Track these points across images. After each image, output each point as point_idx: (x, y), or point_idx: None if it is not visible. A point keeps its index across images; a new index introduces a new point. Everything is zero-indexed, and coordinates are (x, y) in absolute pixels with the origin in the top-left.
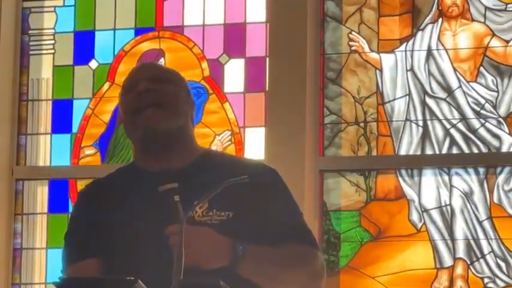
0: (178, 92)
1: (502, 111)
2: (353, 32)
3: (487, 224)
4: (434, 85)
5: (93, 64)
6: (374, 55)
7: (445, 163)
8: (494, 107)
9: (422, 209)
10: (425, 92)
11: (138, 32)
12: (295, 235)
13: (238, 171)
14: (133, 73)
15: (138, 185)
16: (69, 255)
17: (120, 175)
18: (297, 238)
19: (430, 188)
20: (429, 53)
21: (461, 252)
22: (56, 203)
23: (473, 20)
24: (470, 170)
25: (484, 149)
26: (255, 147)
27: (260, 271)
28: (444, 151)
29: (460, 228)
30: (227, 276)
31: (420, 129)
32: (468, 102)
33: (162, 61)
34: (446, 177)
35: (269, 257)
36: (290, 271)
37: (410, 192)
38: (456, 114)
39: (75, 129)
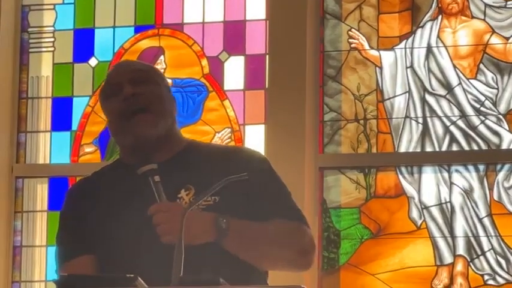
0: (162, 92)
1: (502, 108)
2: (353, 29)
3: (487, 221)
4: (434, 82)
5: (93, 62)
6: (374, 52)
7: (445, 160)
8: (494, 104)
9: (422, 206)
10: (425, 89)
11: (138, 29)
12: (282, 212)
13: (226, 158)
14: (113, 76)
15: (124, 180)
16: (63, 252)
17: (106, 172)
18: (284, 215)
19: (430, 185)
20: (429, 50)
21: (461, 249)
22: (56, 201)
23: (473, 17)
24: (470, 167)
25: (484, 146)
26: (255, 144)
27: (246, 245)
28: (444, 148)
29: (460, 226)
30: (214, 253)
31: (420, 126)
32: (468, 99)
33: (161, 58)
34: (446, 175)
35: (255, 231)
36: (277, 246)
37: (410, 190)
38: (456, 111)
39: (74, 126)
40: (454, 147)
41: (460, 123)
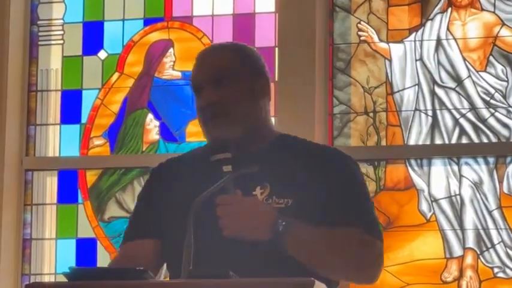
0: (244, 92)
1: None
2: (362, 22)
3: (496, 214)
4: (444, 75)
5: (102, 54)
6: (383, 45)
7: (454, 153)
8: (504, 96)
9: (432, 199)
10: (434, 82)
11: (147, 22)
12: (354, 221)
13: (312, 153)
14: (196, 73)
15: (204, 166)
16: (127, 231)
17: (194, 156)
18: (355, 224)
19: (439, 178)
20: (438, 42)
21: (470, 242)
22: (65, 194)
23: (482, 9)
24: (480, 160)
25: (493, 139)
26: None
27: (304, 249)
28: (453, 141)
29: (469, 218)
30: (269, 251)
31: (429, 119)
32: (477, 91)
33: (171, 51)
34: (455, 167)
35: (317, 236)
36: (339, 254)
37: (419, 182)
38: (466, 103)
39: (84, 119)
40: (464, 140)
41: (470, 115)
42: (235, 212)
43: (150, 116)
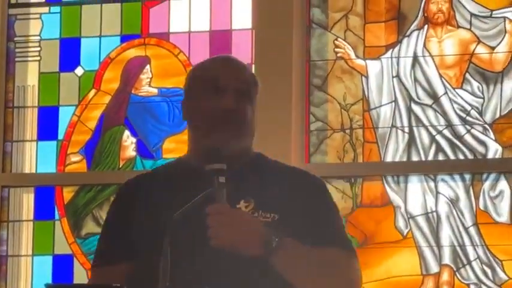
0: (253, 111)
1: (488, 117)
2: (339, 39)
3: (473, 231)
4: (420, 92)
5: (79, 71)
6: (360, 62)
7: (431, 170)
8: (480, 113)
9: (409, 216)
10: (411, 99)
11: (124, 39)
12: (336, 241)
13: (288, 174)
14: (221, 76)
15: (183, 181)
16: (98, 257)
17: (165, 171)
18: (337, 244)
19: (416, 195)
20: (415, 59)
21: (447, 258)
22: (42, 210)
23: (458, 26)
24: (456, 177)
25: (470, 156)
26: None
27: (294, 267)
28: (430, 158)
29: (446, 235)
30: (263, 268)
31: (406, 135)
32: (454, 108)
33: (148, 68)
34: (432, 184)
35: (306, 255)
36: (326, 275)
37: (396, 199)
38: (442, 120)
39: (61, 136)
40: (440, 157)
41: (446, 132)
42: (228, 222)
43: (127, 132)
